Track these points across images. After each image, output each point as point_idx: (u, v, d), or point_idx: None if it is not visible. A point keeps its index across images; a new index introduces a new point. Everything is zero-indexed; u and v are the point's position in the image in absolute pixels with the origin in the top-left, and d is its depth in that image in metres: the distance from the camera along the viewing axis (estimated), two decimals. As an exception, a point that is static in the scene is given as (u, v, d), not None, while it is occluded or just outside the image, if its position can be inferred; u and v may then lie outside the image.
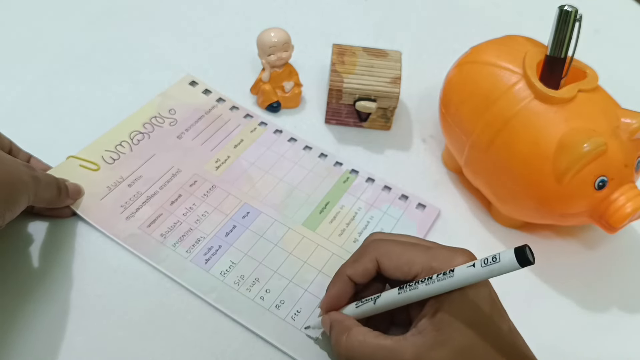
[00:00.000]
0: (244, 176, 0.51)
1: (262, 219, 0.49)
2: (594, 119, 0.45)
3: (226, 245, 0.47)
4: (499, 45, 0.50)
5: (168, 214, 0.48)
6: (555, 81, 0.47)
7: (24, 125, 0.52)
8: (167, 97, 0.56)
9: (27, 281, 0.44)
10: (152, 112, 0.55)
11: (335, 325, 0.40)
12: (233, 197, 0.50)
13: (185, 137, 0.53)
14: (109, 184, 0.49)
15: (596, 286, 0.49)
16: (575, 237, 0.52)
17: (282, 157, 0.53)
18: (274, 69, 0.54)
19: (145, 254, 0.46)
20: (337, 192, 0.51)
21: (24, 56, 0.59)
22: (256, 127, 0.55)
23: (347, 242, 0.49)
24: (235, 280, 0.46)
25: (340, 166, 0.53)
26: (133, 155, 0.51)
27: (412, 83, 0.58)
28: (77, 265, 0.45)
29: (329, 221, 0.50)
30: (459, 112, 0.50)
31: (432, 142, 0.57)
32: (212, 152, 0.53)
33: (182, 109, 0.55)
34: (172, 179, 0.50)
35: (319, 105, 0.58)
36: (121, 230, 0.47)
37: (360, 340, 0.37)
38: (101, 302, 0.44)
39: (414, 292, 0.37)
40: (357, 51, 0.55)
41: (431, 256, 0.38)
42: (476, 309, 0.36)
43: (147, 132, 0.53)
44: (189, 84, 0.57)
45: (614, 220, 0.44)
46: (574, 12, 0.44)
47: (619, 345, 0.46)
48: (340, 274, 0.41)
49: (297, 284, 0.46)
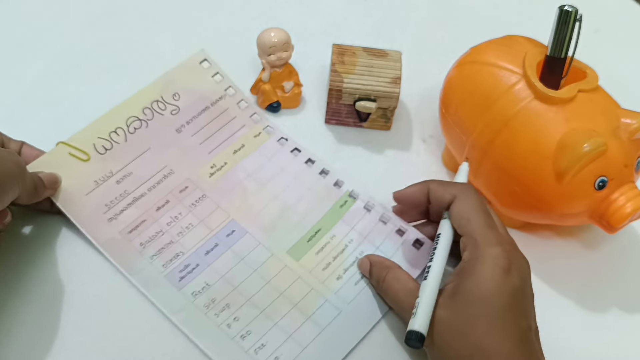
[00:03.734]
0: (238, 188, 0.49)
1: (246, 240, 0.47)
2: (594, 119, 0.45)
3: (204, 265, 0.45)
4: (499, 46, 0.50)
5: (152, 221, 0.46)
6: (555, 81, 0.47)
7: (24, 125, 0.52)
8: (173, 78, 0.52)
9: (24, 280, 0.44)
10: (155, 94, 0.51)
11: (375, 264, 0.45)
12: (221, 211, 0.48)
13: (185, 131, 0.51)
14: (97, 177, 0.47)
15: (596, 286, 0.49)
16: (575, 237, 0.52)
17: (282, 171, 0.51)
18: (274, 69, 0.54)
19: (121, 263, 0.44)
20: (331, 219, 0.48)
21: (24, 56, 0.59)
22: (261, 132, 0.53)
23: (330, 279, 0.46)
24: (206, 303, 0.44)
25: (340, 187, 0.50)
26: (127, 147, 0.49)
27: (412, 83, 0.58)
28: (73, 265, 0.45)
29: (315, 252, 0.47)
30: (459, 112, 0.50)
31: (432, 142, 0.57)
32: (210, 155, 0.50)
33: (187, 96, 0.52)
34: (163, 180, 0.48)
35: (319, 105, 0.58)
36: (101, 232, 0.45)
37: (397, 278, 0.43)
38: (100, 302, 0.44)
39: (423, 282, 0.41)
40: (357, 51, 0.55)
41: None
42: (489, 301, 0.38)
43: (145, 119, 0.50)
44: (199, 63, 0.54)
45: (614, 220, 0.44)
46: (574, 12, 0.44)
47: (619, 345, 0.46)
48: (426, 182, 0.45)
49: (268, 315, 0.44)
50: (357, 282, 0.46)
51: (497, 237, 0.40)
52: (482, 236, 0.40)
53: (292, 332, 0.43)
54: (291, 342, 0.43)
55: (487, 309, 0.38)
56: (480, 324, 0.38)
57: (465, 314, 0.38)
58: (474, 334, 0.37)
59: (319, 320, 0.44)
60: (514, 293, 0.38)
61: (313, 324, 0.44)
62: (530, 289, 0.40)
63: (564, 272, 0.50)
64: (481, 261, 0.39)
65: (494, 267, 0.39)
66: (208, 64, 0.54)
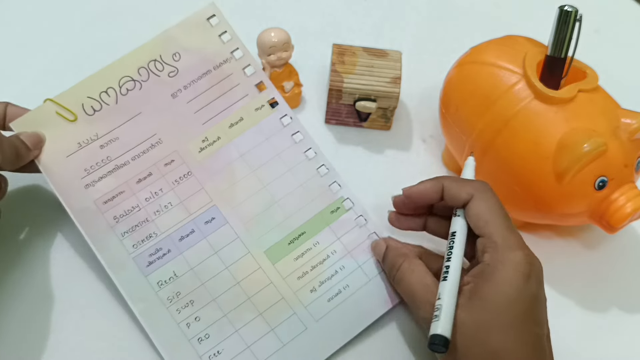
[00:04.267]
0: (227, 169, 0.46)
1: (224, 231, 0.44)
2: (594, 119, 0.45)
3: (176, 252, 0.43)
4: (499, 46, 0.50)
5: (130, 193, 0.44)
6: (555, 81, 0.47)
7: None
8: (176, 36, 0.47)
9: (22, 280, 0.44)
10: (154, 53, 0.47)
11: (392, 249, 0.44)
12: (204, 194, 0.45)
13: (181, 97, 0.47)
14: (81, 140, 0.44)
15: (596, 286, 0.49)
16: (575, 237, 0.52)
17: (277, 157, 0.47)
18: (274, 69, 0.54)
19: (90, 235, 0.42)
20: (318, 223, 0.46)
21: (24, 56, 0.59)
22: (264, 104, 0.48)
23: (303, 290, 0.44)
24: (170, 296, 0.42)
25: (336, 190, 0.47)
26: (117, 109, 0.45)
27: (412, 83, 0.58)
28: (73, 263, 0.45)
29: (294, 257, 0.44)
30: (459, 112, 0.50)
31: (432, 142, 0.57)
32: (204, 126, 0.46)
33: (189, 56, 0.47)
34: (149, 150, 0.45)
35: (319, 105, 0.58)
36: (76, 199, 0.43)
37: (412, 269, 0.41)
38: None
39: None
40: (357, 51, 0.55)
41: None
42: (508, 308, 0.37)
43: (140, 80, 0.46)
44: (207, 19, 0.48)
45: (614, 220, 0.44)
46: (574, 12, 0.44)
47: (619, 345, 0.47)
48: (439, 178, 0.44)
49: (230, 320, 0.42)
50: (331, 299, 0.44)
51: (517, 241, 0.40)
52: (503, 239, 0.39)
53: (252, 343, 0.42)
54: (248, 353, 0.41)
55: (505, 316, 0.37)
56: (497, 330, 0.37)
57: (483, 318, 0.37)
58: (490, 340, 0.37)
59: (281, 334, 0.42)
60: (531, 300, 0.38)
61: (275, 338, 0.42)
62: (544, 293, 0.40)
63: (564, 272, 0.49)
64: (502, 267, 0.38)
65: (516, 273, 0.38)
66: (217, 20, 0.48)
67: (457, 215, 0.43)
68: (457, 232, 0.42)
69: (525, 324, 0.38)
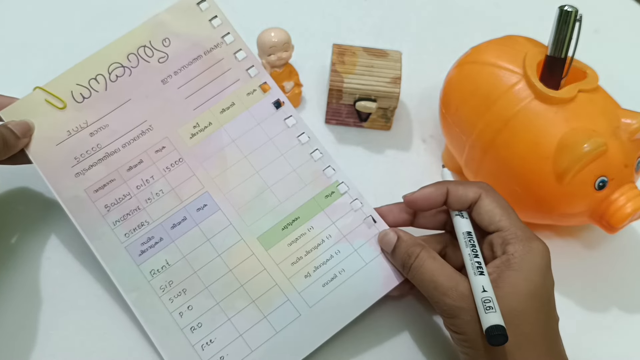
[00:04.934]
0: (218, 155, 0.45)
1: (216, 218, 0.44)
2: (594, 119, 0.45)
3: (168, 240, 0.43)
4: (499, 46, 0.50)
5: (121, 181, 0.44)
6: (555, 81, 0.47)
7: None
8: (165, 21, 0.47)
9: (22, 279, 0.44)
10: (143, 39, 0.46)
11: (405, 240, 0.43)
12: (196, 180, 0.44)
13: (171, 82, 0.46)
14: (71, 127, 0.44)
15: (596, 286, 0.49)
16: (575, 237, 0.52)
17: (270, 142, 0.46)
18: (274, 69, 0.54)
19: (82, 225, 0.42)
20: (312, 208, 0.45)
21: (24, 56, 0.59)
22: (255, 89, 0.47)
23: (297, 276, 0.43)
24: (162, 285, 0.42)
25: (331, 174, 0.46)
26: (106, 96, 0.45)
27: (412, 83, 0.58)
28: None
29: (288, 243, 0.44)
30: (459, 112, 0.50)
31: (432, 142, 0.57)
32: (195, 112, 0.46)
33: (179, 42, 0.47)
34: (139, 137, 0.45)
35: (319, 105, 0.58)
36: (66, 187, 0.43)
37: (434, 257, 0.41)
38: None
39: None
40: (357, 51, 0.55)
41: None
42: (536, 295, 0.39)
43: (130, 66, 0.46)
44: (197, 4, 0.48)
45: (614, 220, 0.44)
46: (574, 12, 0.44)
47: (619, 345, 0.46)
48: (441, 183, 0.44)
49: (223, 309, 0.41)
50: (326, 284, 0.43)
51: (532, 232, 0.41)
52: (523, 230, 0.41)
53: (244, 331, 0.41)
54: (240, 342, 0.41)
55: (535, 302, 0.39)
56: (529, 315, 0.38)
57: (515, 306, 0.38)
58: (522, 326, 0.38)
59: (274, 321, 0.42)
60: (552, 286, 0.40)
61: (267, 325, 0.42)
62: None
63: (564, 272, 0.49)
64: (530, 256, 0.40)
65: (542, 261, 0.40)
66: (207, 4, 0.48)
67: (463, 217, 0.43)
68: (470, 231, 0.42)
69: (550, 309, 0.40)
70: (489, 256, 0.42)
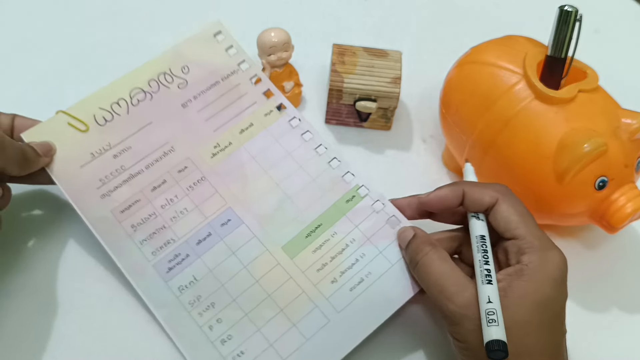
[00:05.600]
0: (239, 172, 0.46)
1: (241, 231, 0.44)
2: (594, 119, 0.45)
3: (194, 256, 0.43)
4: (499, 46, 0.50)
5: (146, 202, 0.44)
6: (555, 81, 0.47)
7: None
8: (185, 50, 0.49)
9: (23, 280, 0.44)
10: (163, 67, 0.48)
11: (419, 237, 0.42)
12: (219, 197, 0.45)
13: (191, 106, 0.48)
14: (94, 150, 0.45)
15: (596, 286, 0.49)
16: (575, 237, 0.52)
17: (288, 155, 0.47)
18: (274, 69, 0.54)
19: (110, 244, 0.43)
20: (334, 214, 0.45)
21: (24, 56, 0.58)
22: (272, 110, 0.49)
23: (324, 282, 0.43)
24: (191, 300, 0.42)
25: (350, 180, 0.47)
26: (128, 119, 0.46)
27: (412, 83, 0.58)
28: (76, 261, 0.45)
29: (312, 250, 0.44)
30: (459, 112, 0.50)
31: (432, 142, 0.57)
32: (215, 133, 0.47)
33: (197, 69, 0.49)
34: (162, 158, 0.46)
35: (319, 105, 0.58)
36: (93, 209, 0.43)
37: (444, 259, 0.40)
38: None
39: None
40: (357, 51, 0.55)
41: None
42: (545, 307, 0.38)
43: (150, 91, 0.47)
44: (213, 36, 0.50)
45: (614, 220, 0.44)
46: (574, 12, 0.44)
47: (619, 345, 0.47)
48: (457, 183, 0.43)
49: (251, 319, 0.42)
50: (353, 288, 0.43)
51: (550, 240, 0.40)
52: (539, 240, 0.39)
53: (274, 340, 0.41)
54: (271, 351, 0.41)
55: (543, 315, 0.37)
56: (534, 329, 0.37)
57: (520, 318, 0.37)
58: (526, 339, 0.37)
59: (304, 329, 0.42)
60: (564, 299, 0.39)
61: (297, 333, 0.42)
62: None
63: (564, 272, 0.49)
64: (544, 268, 0.38)
65: (557, 273, 0.38)
66: (223, 36, 0.50)
67: (480, 219, 0.42)
68: (486, 237, 0.41)
69: (558, 323, 0.38)
70: (503, 262, 0.41)
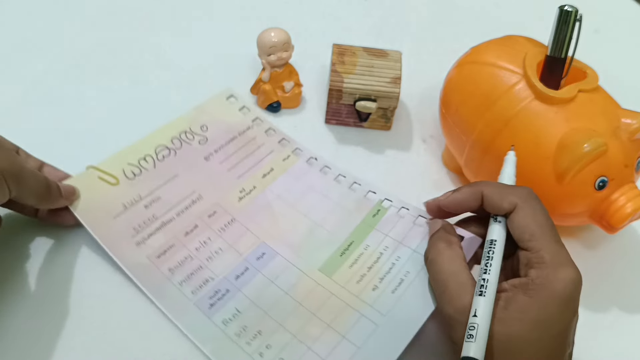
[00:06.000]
0: (267, 211, 0.48)
1: (277, 262, 0.45)
2: (594, 119, 0.45)
3: (234, 290, 0.44)
4: (499, 46, 0.50)
5: (181, 246, 0.46)
6: (555, 81, 0.47)
7: (24, 125, 0.52)
8: (202, 112, 0.53)
9: (25, 282, 0.44)
10: (183, 126, 0.52)
11: (443, 231, 0.42)
12: (251, 235, 0.47)
13: (213, 159, 0.51)
14: (126, 201, 0.47)
15: (596, 286, 0.49)
16: (575, 237, 0.52)
17: (310, 189, 0.50)
18: (274, 69, 0.54)
19: (149, 288, 0.43)
20: (363, 230, 0.47)
21: (24, 56, 0.59)
22: (289, 154, 0.52)
23: (365, 291, 0.44)
24: (237, 331, 0.42)
25: (372, 197, 0.49)
26: (155, 173, 0.49)
27: (412, 83, 0.58)
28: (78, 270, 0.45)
29: (349, 265, 0.45)
30: (459, 112, 0.50)
31: (432, 142, 0.57)
32: (239, 180, 0.50)
33: (215, 126, 0.53)
34: (191, 205, 0.48)
35: (319, 105, 0.58)
36: (129, 256, 0.44)
37: (453, 259, 0.40)
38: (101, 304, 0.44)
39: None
40: (357, 51, 0.55)
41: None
42: (545, 327, 0.36)
43: (174, 148, 0.50)
44: (226, 99, 0.55)
45: (614, 220, 0.44)
46: (574, 12, 0.44)
47: (619, 345, 0.46)
48: (477, 185, 0.41)
49: (301, 340, 0.42)
50: (395, 290, 0.43)
51: (565, 257, 0.37)
52: (552, 255, 0.37)
53: (327, 355, 0.41)
54: None
55: (542, 334, 0.35)
56: (530, 347, 0.35)
57: (518, 334, 0.36)
58: (520, 357, 0.35)
59: (354, 338, 0.42)
60: (570, 321, 0.36)
61: (348, 344, 0.42)
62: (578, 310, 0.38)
63: (564, 272, 0.49)
64: (550, 286, 0.36)
65: (562, 293, 0.36)
66: (235, 99, 0.55)
67: (498, 222, 0.40)
68: (497, 241, 0.39)
69: (559, 343, 0.36)
70: (515, 271, 0.39)
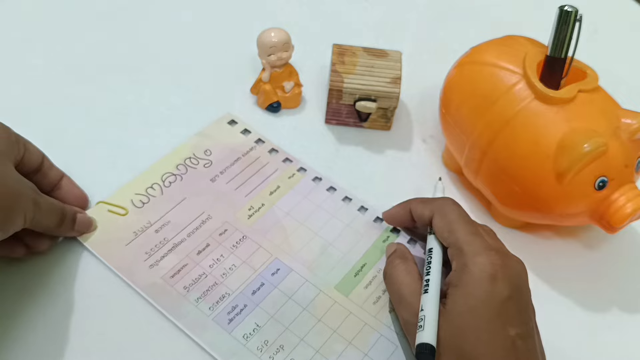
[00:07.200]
0: (277, 227, 0.49)
1: (292, 278, 0.46)
2: (594, 119, 0.45)
3: (252, 305, 0.44)
4: (499, 46, 0.50)
5: (194, 264, 0.46)
6: (555, 81, 0.47)
7: (24, 124, 0.52)
8: (204, 137, 0.54)
9: (27, 285, 0.44)
10: (187, 152, 0.52)
11: (398, 251, 0.45)
12: (264, 251, 0.47)
13: (219, 180, 0.51)
14: (136, 228, 0.47)
15: (596, 286, 0.49)
16: (575, 237, 0.52)
17: (319, 208, 0.50)
18: (274, 69, 0.54)
19: (165, 307, 0.43)
20: (375, 253, 0.48)
21: (24, 56, 0.59)
22: (295, 173, 0.52)
23: (382, 312, 0.44)
24: (259, 345, 0.42)
25: (381, 223, 0.49)
26: (163, 199, 0.49)
27: (412, 83, 0.58)
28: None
29: (364, 286, 0.46)
30: (459, 112, 0.50)
31: (432, 142, 0.57)
32: (246, 198, 0.50)
33: (218, 150, 0.53)
34: (201, 225, 0.48)
35: (319, 106, 0.58)
36: (143, 279, 0.45)
37: (409, 271, 0.43)
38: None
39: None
40: (357, 51, 0.55)
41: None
42: (477, 311, 0.38)
43: (179, 173, 0.51)
44: (227, 123, 0.55)
45: (614, 220, 0.44)
46: (574, 12, 0.44)
47: (619, 345, 0.47)
48: (407, 201, 0.47)
49: (324, 355, 0.42)
50: None
51: (482, 244, 0.40)
52: (467, 245, 0.40)
53: None
54: None
55: (476, 319, 0.37)
56: (470, 334, 0.37)
57: (456, 323, 0.38)
58: (464, 345, 0.37)
59: (376, 357, 0.43)
60: (502, 301, 0.38)
61: None
62: (525, 293, 0.40)
63: (564, 272, 0.50)
64: (467, 271, 0.39)
65: (481, 275, 0.38)
66: (236, 123, 0.55)
67: (431, 233, 0.44)
68: (434, 249, 0.43)
69: (497, 328, 0.37)
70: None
